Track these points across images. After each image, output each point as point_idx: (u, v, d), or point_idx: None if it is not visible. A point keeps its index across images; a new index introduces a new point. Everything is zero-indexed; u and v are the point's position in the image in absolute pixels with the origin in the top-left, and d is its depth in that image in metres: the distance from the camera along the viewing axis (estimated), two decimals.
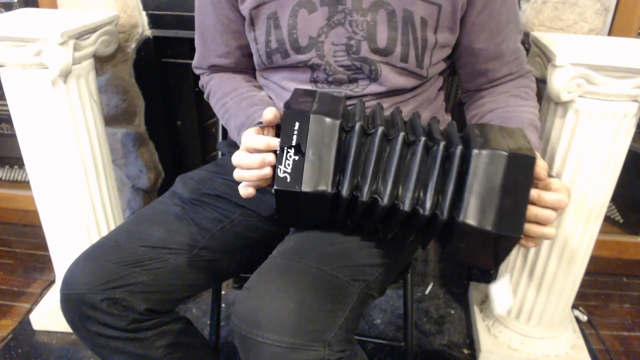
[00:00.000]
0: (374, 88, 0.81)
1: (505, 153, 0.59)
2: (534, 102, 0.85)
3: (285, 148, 0.63)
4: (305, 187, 0.63)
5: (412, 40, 0.77)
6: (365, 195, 0.64)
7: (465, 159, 0.61)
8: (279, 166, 0.63)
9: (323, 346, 0.62)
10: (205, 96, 0.96)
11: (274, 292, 0.64)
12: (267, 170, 0.66)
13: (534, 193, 0.61)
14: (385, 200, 0.64)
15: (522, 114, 0.81)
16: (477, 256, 0.66)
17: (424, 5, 0.76)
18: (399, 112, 0.70)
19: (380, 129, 0.64)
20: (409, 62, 0.79)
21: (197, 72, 0.98)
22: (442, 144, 0.62)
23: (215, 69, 0.94)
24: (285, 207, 0.68)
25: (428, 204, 0.63)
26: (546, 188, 0.63)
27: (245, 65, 0.93)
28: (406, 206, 0.63)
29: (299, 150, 0.63)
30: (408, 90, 0.83)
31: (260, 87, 0.92)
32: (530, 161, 0.59)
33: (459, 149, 0.61)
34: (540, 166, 0.62)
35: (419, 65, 0.80)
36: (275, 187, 0.63)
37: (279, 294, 0.64)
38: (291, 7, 0.78)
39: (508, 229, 0.59)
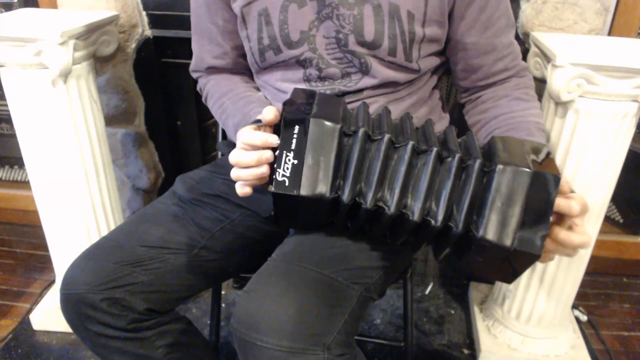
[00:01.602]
0: (367, 81, 0.81)
1: (531, 171, 0.58)
2: (536, 103, 0.84)
3: (285, 152, 0.62)
4: (304, 191, 0.62)
5: (399, 34, 0.77)
6: (369, 202, 0.63)
7: (486, 173, 0.60)
8: (278, 170, 0.62)
9: (323, 350, 0.62)
10: (203, 99, 0.97)
11: (273, 295, 0.64)
12: (265, 169, 0.65)
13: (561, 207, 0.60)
14: (392, 209, 0.63)
15: (528, 118, 0.80)
16: (494, 270, 0.65)
17: None
18: (409, 118, 0.69)
19: (386, 136, 0.63)
20: (397, 56, 0.79)
21: (194, 75, 0.98)
22: (457, 156, 0.61)
23: (212, 70, 0.94)
24: (283, 210, 0.67)
25: (440, 216, 0.61)
26: (568, 199, 0.62)
27: (242, 66, 0.93)
28: (415, 216, 0.62)
29: (298, 154, 0.62)
30: (401, 84, 0.83)
31: (258, 89, 0.92)
32: (555, 181, 0.58)
33: (477, 162, 0.60)
34: (563, 181, 0.61)
35: (408, 58, 0.79)
36: (273, 190, 0.62)
37: (279, 298, 0.64)
38: (281, 2, 0.79)
39: (528, 247, 0.58)
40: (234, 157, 0.67)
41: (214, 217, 0.86)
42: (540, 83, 1.05)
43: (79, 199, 1.17)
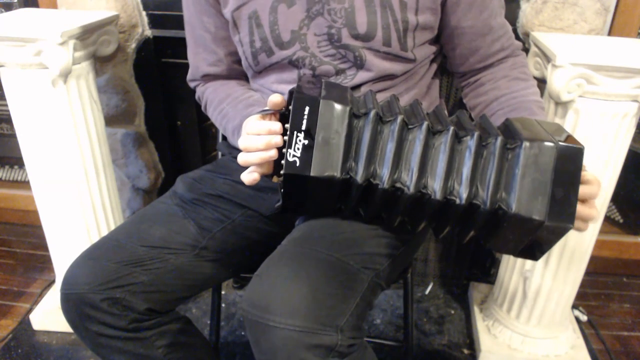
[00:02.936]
0: (363, 75, 0.81)
1: (556, 145, 0.59)
2: (533, 81, 0.86)
3: (295, 132, 0.62)
4: (314, 172, 0.62)
5: (392, 23, 0.77)
6: (386, 182, 0.63)
7: (509, 150, 0.61)
8: (289, 150, 0.62)
9: (335, 331, 0.62)
10: (202, 108, 0.97)
11: (285, 277, 0.64)
12: (273, 152, 0.66)
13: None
14: (411, 189, 0.63)
15: (528, 98, 0.81)
16: (523, 247, 0.65)
17: None
18: (419, 104, 0.69)
19: (399, 117, 0.63)
20: (392, 45, 0.79)
21: (191, 85, 0.98)
22: (476, 134, 0.62)
23: (208, 78, 0.94)
24: (292, 192, 0.67)
25: (465, 194, 0.62)
26: (586, 183, 0.64)
27: (237, 72, 0.93)
28: (438, 195, 0.62)
29: (309, 135, 0.62)
30: (398, 76, 0.83)
31: (254, 91, 0.93)
32: (580, 152, 0.60)
33: (499, 139, 0.61)
34: None
35: (403, 48, 0.79)
36: (284, 171, 0.63)
37: (291, 279, 0.63)
38: (270, 4, 0.79)
39: (561, 220, 0.60)
40: (243, 141, 0.67)
41: (214, 217, 0.86)
42: (541, 83, 1.05)
43: (79, 199, 1.17)
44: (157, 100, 1.38)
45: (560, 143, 0.60)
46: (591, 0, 1.12)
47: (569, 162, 0.60)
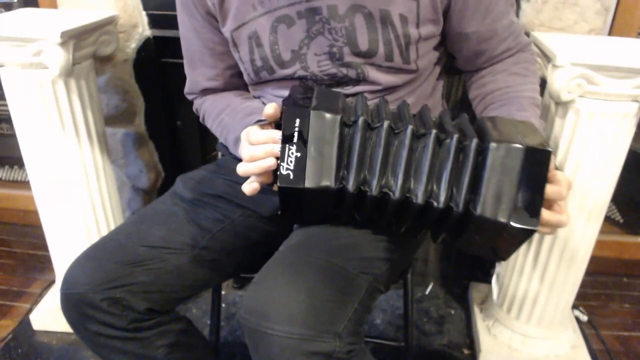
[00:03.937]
0: (364, 87, 0.82)
1: (523, 147, 0.59)
2: (533, 78, 0.85)
3: (287, 145, 0.62)
4: (309, 184, 0.62)
5: (393, 38, 0.77)
6: (374, 189, 0.64)
7: (481, 152, 0.61)
8: (282, 164, 0.63)
9: (333, 338, 0.62)
10: (200, 119, 0.96)
11: (282, 283, 0.64)
12: (272, 162, 0.66)
13: None
14: (396, 194, 0.63)
15: (522, 94, 0.81)
16: (490, 248, 0.66)
17: (402, 2, 0.75)
18: (406, 106, 0.70)
19: (386, 123, 0.63)
20: (394, 60, 0.79)
21: (189, 97, 0.98)
22: (455, 137, 0.62)
23: (206, 92, 0.94)
24: (289, 204, 0.67)
25: (442, 197, 0.62)
26: (549, 180, 0.63)
27: (235, 85, 0.93)
28: (419, 199, 0.63)
29: (301, 146, 0.63)
30: (401, 86, 0.83)
31: (253, 98, 0.93)
32: (547, 155, 0.60)
33: (474, 142, 0.61)
34: None
35: (405, 61, 0.79)
36: (278, 184, 0.63)
37: (288, 286, 0.63)
38: (270, 24, 0.78)
39: (525, 222, 0.60)
40: (248, 151, 0.67)
41: (214, 217, 0.86)
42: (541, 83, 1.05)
43: (78, 199, 1.17)
44: (157, 100, 1.38)
45: (528, 145, 0.59)
46: (591, 0, 1.12)
47: (536, 164, 0.60)
